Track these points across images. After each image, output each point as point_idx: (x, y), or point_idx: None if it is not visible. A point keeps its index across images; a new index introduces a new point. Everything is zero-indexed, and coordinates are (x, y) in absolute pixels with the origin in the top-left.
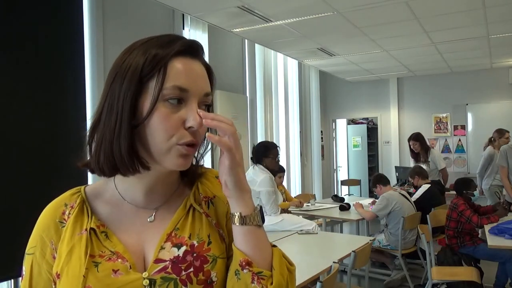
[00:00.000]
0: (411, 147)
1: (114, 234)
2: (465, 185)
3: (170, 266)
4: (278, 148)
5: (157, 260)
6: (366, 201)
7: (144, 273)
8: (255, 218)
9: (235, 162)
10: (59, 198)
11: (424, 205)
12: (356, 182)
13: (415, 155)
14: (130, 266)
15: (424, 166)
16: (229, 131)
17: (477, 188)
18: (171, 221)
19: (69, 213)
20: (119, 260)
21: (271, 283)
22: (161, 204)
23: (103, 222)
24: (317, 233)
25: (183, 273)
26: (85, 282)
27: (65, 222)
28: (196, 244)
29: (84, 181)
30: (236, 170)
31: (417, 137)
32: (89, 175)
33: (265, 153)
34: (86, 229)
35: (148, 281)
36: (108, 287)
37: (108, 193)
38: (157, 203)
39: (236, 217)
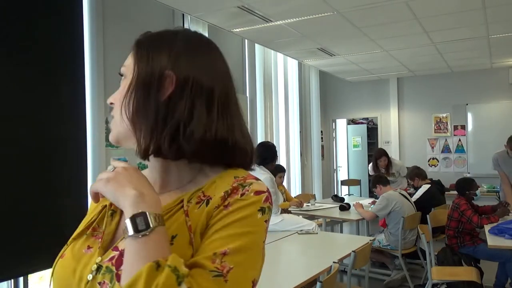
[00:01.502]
0: (381, 163)
1: (119, 215)
2: (467, 185)
3: (116, 257)
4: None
5: (115, 248)
6: (366, 201)
7: (99, 258)
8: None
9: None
10: None
11: (424, 205)
12: (356, 182)
13: (378, 171)
14: (99, 246)
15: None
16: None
17: (478, 188)
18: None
19: None
20: (100, 239)
21: None
22: (162, 190)
23: None
24: (317, 233)
25: (121, 268)
26: (65, 249)
27: None
28: None
29: (84, 182)
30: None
31: (386, 153)
32: (89, 175)
33: (274, 158)
34: (105, 205)
35: (96, 266)
36: (73, 259)
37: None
38: (158, 188)
39: None
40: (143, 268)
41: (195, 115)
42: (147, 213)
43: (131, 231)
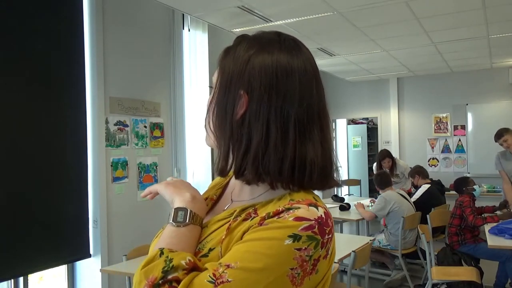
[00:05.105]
0: (385, 164)
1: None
2: (462, 182)
3: None
4: None
5: None
6: (366, 201)
7: None
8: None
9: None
10: None
11: (424, 205)
12: (356, 182)
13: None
14: None
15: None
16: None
17: (475, 185)
18: (215, 216)
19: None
20: None
21: None
22: (236, 198)
23: (215, 198)
24: None
25: None
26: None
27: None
28: (196, 250)
29: (84, 182)
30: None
31: (389, 154)
32: (89, 176)
33: None
34: (207, 198)
35: None
36: None
37: None
38: (235, 196)
39: None
40: (154, 251)
41: (271, 141)
42: (188, 210)
43: (170, 219)
